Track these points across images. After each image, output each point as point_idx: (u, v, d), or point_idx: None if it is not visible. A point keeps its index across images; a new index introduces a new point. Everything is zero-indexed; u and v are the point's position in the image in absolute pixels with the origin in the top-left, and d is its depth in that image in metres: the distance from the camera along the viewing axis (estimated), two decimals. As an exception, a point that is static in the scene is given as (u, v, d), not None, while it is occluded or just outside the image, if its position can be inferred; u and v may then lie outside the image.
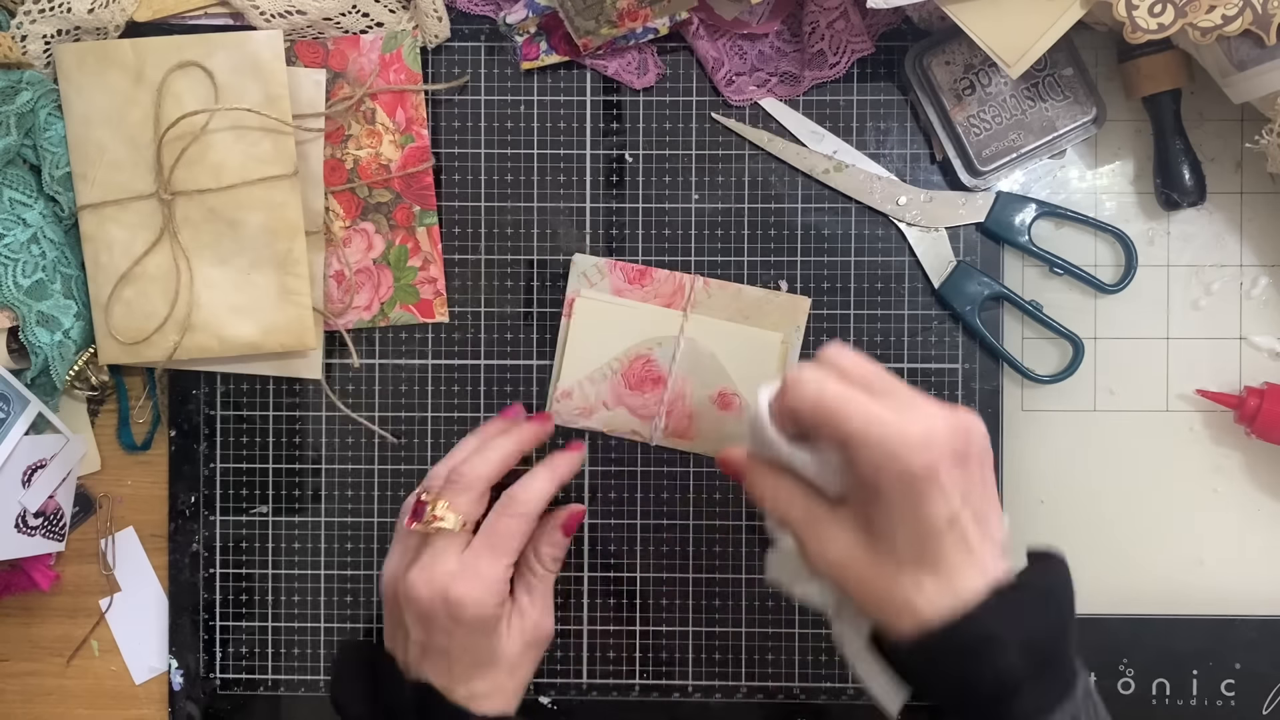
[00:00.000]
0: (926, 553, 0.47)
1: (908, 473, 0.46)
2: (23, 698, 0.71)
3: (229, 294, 0.66)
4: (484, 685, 0.59)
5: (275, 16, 0.66)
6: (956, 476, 0.47)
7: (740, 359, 0.67)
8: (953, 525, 0.47)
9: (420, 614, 0.58)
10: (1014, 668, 0.46)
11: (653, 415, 0.68)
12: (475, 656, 0.59)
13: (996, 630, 0.46)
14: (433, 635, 0.58)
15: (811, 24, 0.66)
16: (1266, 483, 0.69)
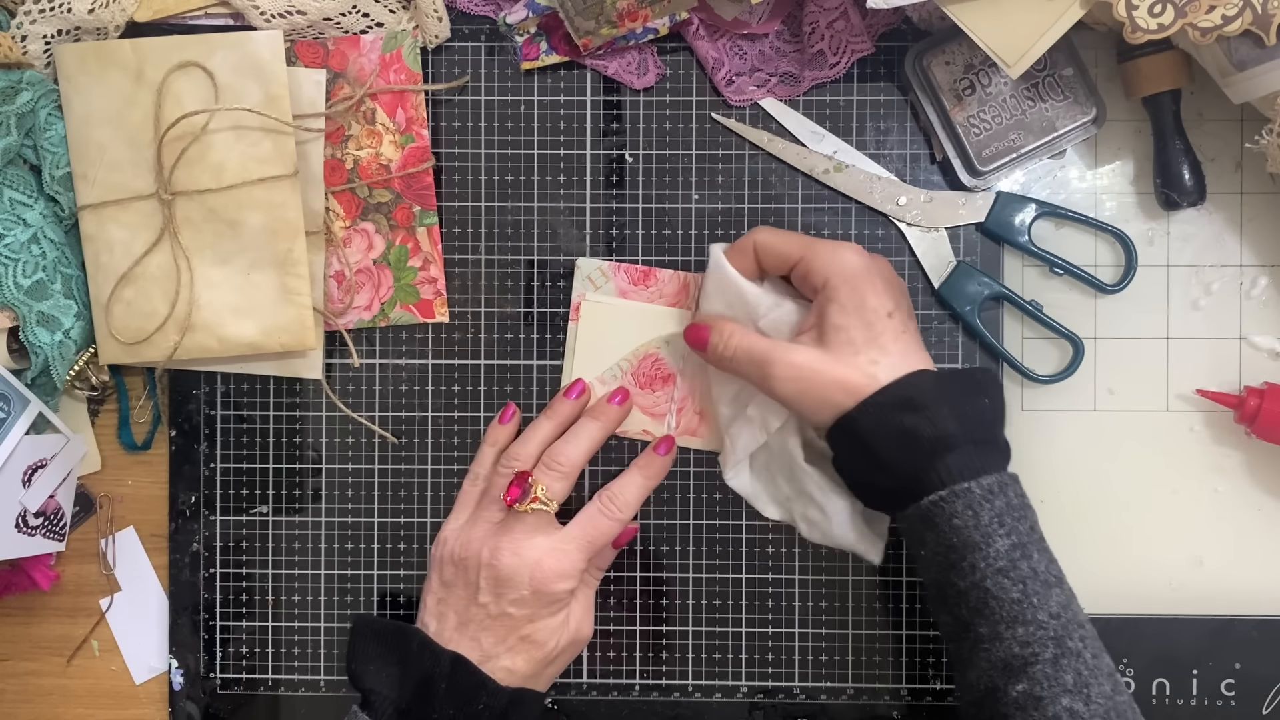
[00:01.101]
0: (875, 336, 0.58)
1: (852, 272, 0.59)
2: (23, 698, 0.71)
3: (229, 294, 0.66)
4: (524, 665, 0.61)
5: (275, 16, 0.66)
6: (885, 285, 0.60)
7: None
8: (892, 316, 0.59)
9: (499, 579, 0.61)
10: (950, 427, 0.56)
11: (663, 414, 0.68)
12: (533, 633, 0.61)
13: (933, 394, 0.57)
14: (503, 602, 0.60)
15: (811, 24, 0.66)
16: (1266, 483, 0.69)
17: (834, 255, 0.60)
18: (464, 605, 0.62)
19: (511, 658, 0.61)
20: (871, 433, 0.57)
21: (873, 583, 0.69)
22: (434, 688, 0.59)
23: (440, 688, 0.59)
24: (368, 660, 0.61)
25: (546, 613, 0.61)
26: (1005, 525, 0.56)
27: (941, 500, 0.56)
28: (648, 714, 0.70)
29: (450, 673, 0.59)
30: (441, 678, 0.59)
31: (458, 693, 0.59)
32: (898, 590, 0.69)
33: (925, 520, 0.57)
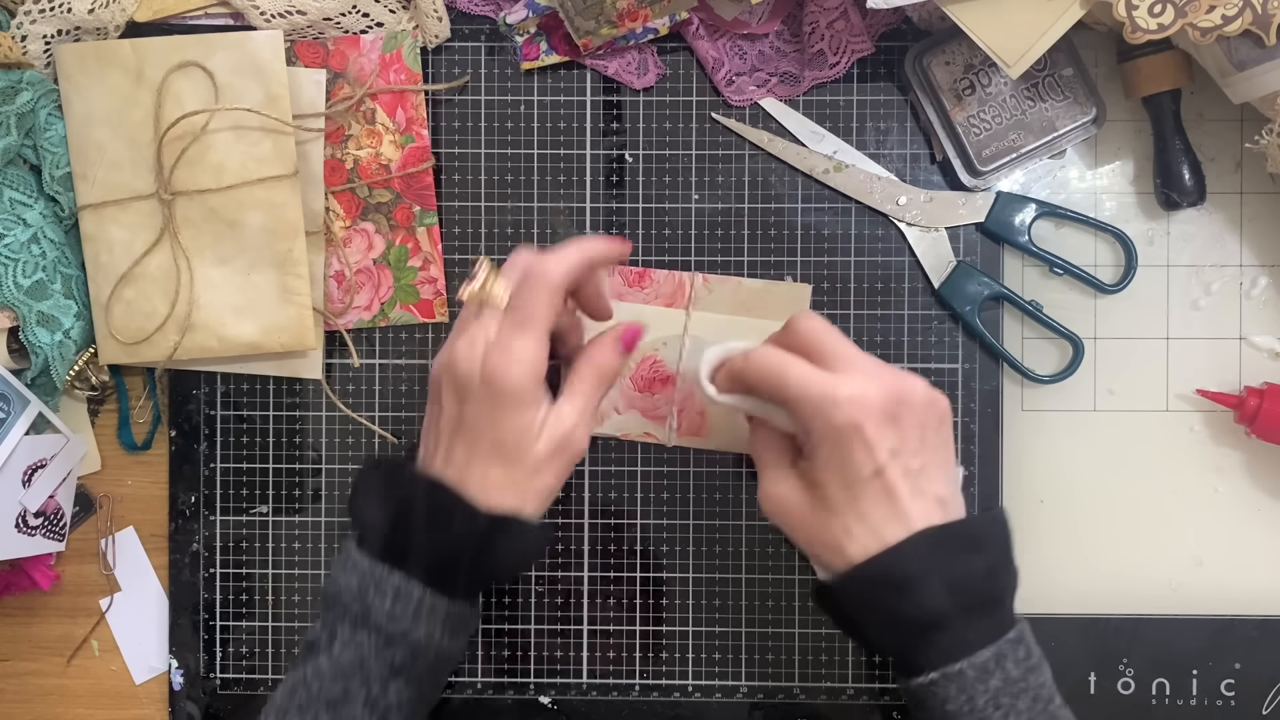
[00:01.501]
0: (853, 500, 0.53)
1: (834, 427, 0.52)
2: (23, 698, 0.71)
3: (229, 294, 0.66)
4: (499, 475, 0.56)
5: (275, 16, 0.66)
6: (886, 434, 0.52)
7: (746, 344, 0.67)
8: (878, 476, 0.52)
9: (457, 384, 0.56)
10: (938, 603, 0.51)
11: (665, 416, 0.68)
12: (498, 438, 0.56)
13: (916, 567, 0.51)
14: (465, 407, 0.56)
15: (811, 24, 0.66)
16: (1266, 483, 0.69)
17: (821, 403, 0.52)
18: (438, 421, 0.58)
19: (484, 467, 0.56)
20: (853, 610, 0.53)
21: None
22: (413, 515, 0.56)
23: (419, 513, 0.56)
24: (365, 495, 0.58)
25: (508, 412, 0.55)
26: (1002, 706, 0.52)
27: (933, 684, 0.52)
28: (648, 714, 0.70)
29: (425, 497, 0.56)
30: (418, 502, 0.56)
31: (435, 518, 0.56)
32: (898, 590, 0.69)
33: (917, 701, 0.53)
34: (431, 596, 0.56)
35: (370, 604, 0.55)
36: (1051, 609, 0.69)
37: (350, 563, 0.57)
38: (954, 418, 0.68)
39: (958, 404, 0.68)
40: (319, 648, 0.57)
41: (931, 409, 0.54)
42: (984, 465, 0.68)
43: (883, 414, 0.52)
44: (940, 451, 0.54)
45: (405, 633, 0.55)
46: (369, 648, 0.56)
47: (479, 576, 0.57)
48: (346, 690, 0.56)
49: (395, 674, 0.56)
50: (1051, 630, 0.68)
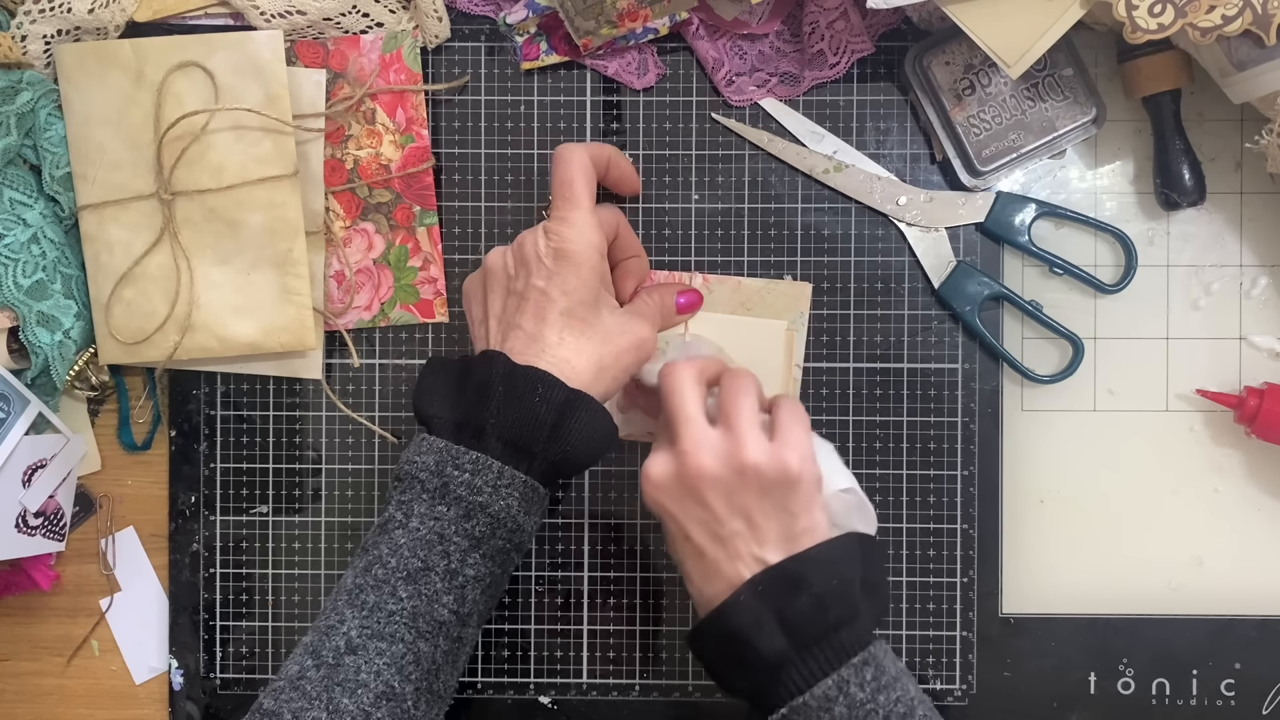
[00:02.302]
0: (680, 561, 0.58)
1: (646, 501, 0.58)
2: (23, 698, 0.71)
3: (229, 294, 0.66)
4: (574, 340, 0.59)
5: (275, 16, 0.66)
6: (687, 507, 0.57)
7: (746, 349, 0.67)
8: (685, 540, 0.57)
9: (523, 255, 0.59)
10: (776, 644, 0.54)
11: None
12: (569, 305, 0.59)
13: (745, 618, 0.54)
14: (533, 277, 0.59)
15: (811, 24, 0.66)
16: (1266, 483, 0.69)
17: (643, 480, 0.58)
18: (503, 299, 0.60)
19: (558, 333, 0.58)
20: (707, 662, 0.57)
21: (873, 583, 0.69)
22: (490, 392, 0.57)
23: (498, 390, 0.57)
24: (431, 392, 0.60)
25: (578, 279, 0.59)
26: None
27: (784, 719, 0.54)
28: (648, 714, 0.70)
29: (507, 375, 0.58)
30: (499, 380, 0.57)
31: (515, 393, 0.57)
32: (896, 591, 0.69)
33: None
34: (509, 470, 0.57)
35: (449, 477, 0.56)
36: (1051, 609, 0.69)
37: (425, 444, 0.58)
38: (957, 437, 0.68)
39: (958, 404, 0.68)
40: (394, 524, 0.57)
41: (748, 478, 0.56)
42: (984, 465, 0.68)
43: (680, 491, 0.57)
44: (766, 517, 0.56)
45: (485, 504, 0.56)
46: (448, 519, 0.56)
47: (553, 454, 0.58)
48: (426, 562, 0.56)
49: (475, 546, 0.57)
50: (1051, 630, 0.68)
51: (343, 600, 0.56)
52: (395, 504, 0.58)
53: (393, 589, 0.56)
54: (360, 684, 0.54)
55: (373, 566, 0.56)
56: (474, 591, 0.57)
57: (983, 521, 0.69)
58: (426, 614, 0.56)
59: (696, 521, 0.56)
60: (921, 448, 0.69)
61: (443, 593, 0.56)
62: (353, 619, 0.55)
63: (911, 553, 0.69)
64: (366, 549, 0.58)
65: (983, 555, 0.69)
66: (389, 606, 0.55)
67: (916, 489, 0.69)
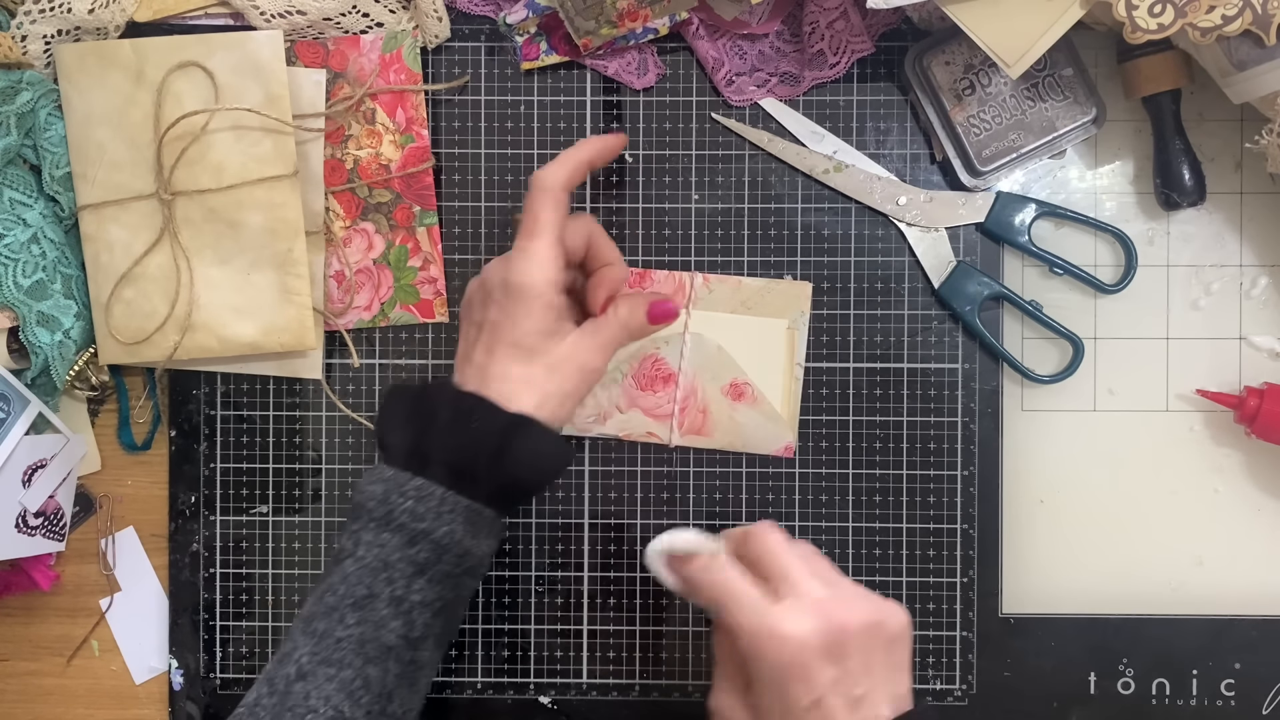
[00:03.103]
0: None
1: (771, 665, 0.52)
2: (23, 698, 0.71)
3: (229, 294, 0.66)
4: (518, 371, 0.59)
5: (275, 16, 0.66)
6: (825, 669, 0.52)
7: (747, 348, 0.68)
8: (817, 707, 0.52)
9: (485, 285, 0.60)
10: None
11: (667, 415, 0.68)
12: (516, 337, 0.59)
13: None
14: (487, 312, 0.60)
15: (811, 24, 0.66)
16: (1266, 483, 0.69)
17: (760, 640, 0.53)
18: (466, 331, 0.61)
19: (503, 364, 0.59)
20: None
21: (870, 585, 0.69)
22: (435, 420, 0.58)
23: (441, 418, 0.58)
24: (389, 418, 0.60)
25: (525, 310, 0.59)
26: None
27: None
28: (648, 714, 0.70)
29: (450, 405, 0.59)
30: (443, 407, 0.58)
31: (456, 421, 0.58)
32: (897, 591, 0.69)
33: None
34: (453, 496, 0.57)
35: (394, 505, 0.57)
36: (1051, 609, 0.69)
37: (375, 473, 0.59)
38: (957, 437, 0.68)
39: (958, 404, 0.68)
40: (345, 553, 0.58)
41: (877, 635, 0.54)
42: (984, 465, 0.68)
43: (822, 650, 0.53)
44: (887, 673, 0.54)
45: (428, 531, 0.57)
46: (392, 546, 0.57)
47: (500, 478, 0.58)
48: (371, 589, 0.57)
49: (419, 572, 0.57)
50: (1051, 630, 0.68)
51: (297, 629, 0.58)
52: (347, 534, 0.59)
53: (340, 616, 0.57)
54: (310, 709, 0.55)
55: (324, 595, 0.58)
56: (423, 615, 0.58)
57: (983, 521, 0.69)
58: (374, 639, 0.57)
59: (831, 684, 0.53)
60: (921, 448, 0.69)
61: (389, 618, 0.57)
62: (304, 646, 0.57)
63: (911, 553, 0.69)
64: (322, 577, 0.59)
65: (983, 555, 0.69)
66: (337, 633, 0.56)
67: (916, 489, 0.69)
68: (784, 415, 0.68)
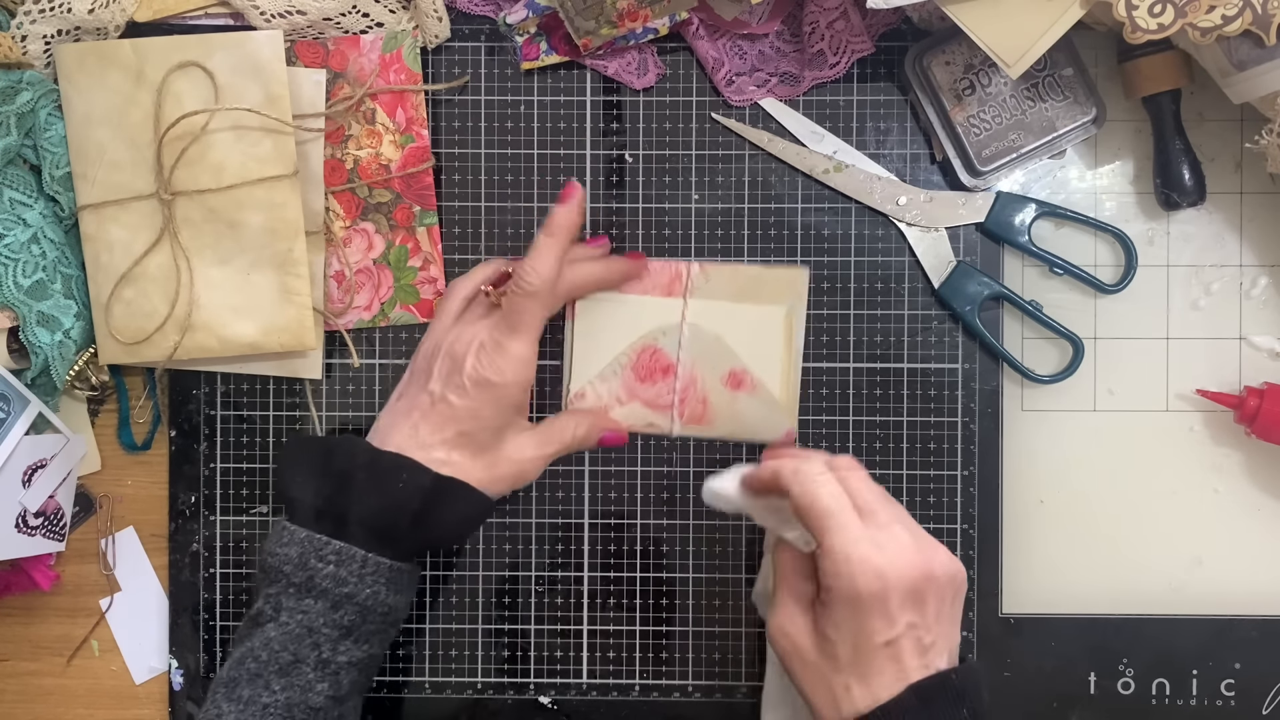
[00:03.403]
0: (860, 663, 0.53)
1: (858, 595, 0.52)
2: (23, 698, 0.71)
3: (229, 294, 0.66)
4: (461, 459, 0.60)
5: (275, 16, 0.66)
6: (906, 609, 0.52)
7: (745, 336, 0.68)
8: (889, 646, 0.52)
9: (453, 361, 0.60)
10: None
11: (667, 406, 0.68)
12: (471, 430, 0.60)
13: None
14: (448, 390, 0.60)
15: (811, 24, 0.66)
16: (1266, 483, 0.69)
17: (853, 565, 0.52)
18: (415, 393, 0.62)
19: (447, 450, 0.60)
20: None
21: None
22: (352, 480, 0.59)
23: (359, 478, 0.58)
24: (293, 473, 0.60)
25: (490, 412, 0.60)
26: None
27: None
28: (648, 714, 0.70)
29: (369, 462, 0.59)
30: (360, 468, 0.59)
31: (377, 479, 0.58)
32: (898, 590, 0.69)
33: None
34: (374, 558, 0.58)
35: (314, 570, 0.57)
36: (1051, 609, 0.69)
37: (287, 535, 0.59)
38: (957, 437, 0.68)
39: (958, 404, 0.68)
40: (264, 618, 0.58)
41: (952, 584, 0.54)
42: (984, 465, 0.68)
43: (909, 589, 0.52)
44: (952, 625, 0.55)
45: (351, 594, 0.57)
46: (316, 611, 0.57)
47: (420, 537, 0.59)
48: (297, 655, 0.57)
49: (345, 634, 0.58)
50: (1051, 630, 0.68)
51: (220, 694, 0.58)
52: (264, 597, 0.59)
53: (266, 682, 0.57)
54: None
55: (245, 660, 0.58)
56: (349, 674, 0.58)
57: (983, 521, 0.69)
58: (301, 703, 0.57)
59: (908, 627, 0.53)
60: (921, 448, 0.69)
61: (316, 681, 0.57)
62: (230, 712, 0.57)
63: (911, 553, 0.69)
64: (240, 640, 0.59)
65: (983, 555, 0.69)
66: (263, 699, 0.57)
67: (916, 489, 0.69)
68: (783, 402, 0.68)
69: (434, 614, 0.70)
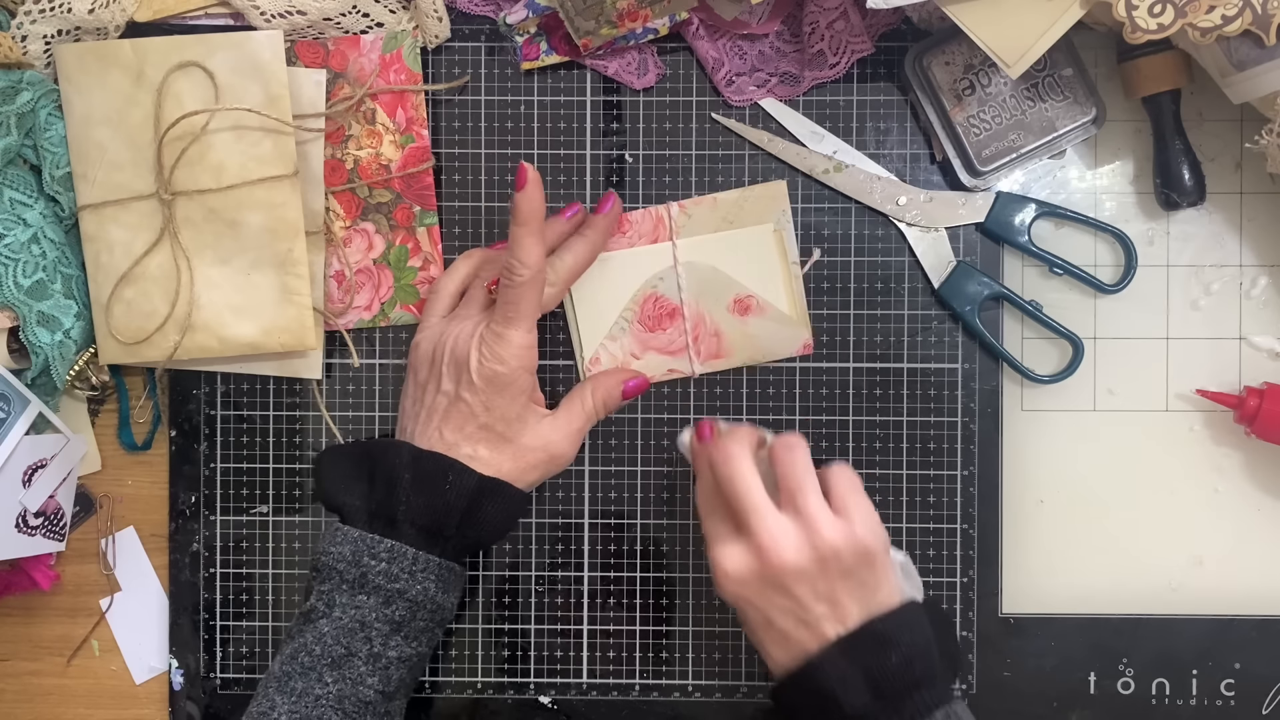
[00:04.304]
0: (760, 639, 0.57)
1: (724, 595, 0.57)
2: (23, 698, 0.71)
3: (229, 294, 0.66)
4: (485, 454, 0.62)
5: (275, 16, 0.66)
6: (770, 597, 0.56)
7: (741, 261, 0.68)
8: (769, 626, 0.57)
9: (457, 363, 0.62)
10: (861, 700, 0.54)
11: (682, 349, 0.68)
12: (488, 422, 0.62)
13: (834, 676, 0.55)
14: (460, 388, 0.61)
15: (811, 24, 0.66)
16: (1266, 483, 0.69)
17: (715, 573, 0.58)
18: (431, 398, 0.63)
19: (473, 446, 0.61)
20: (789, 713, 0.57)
21: (873, 583, 0.69)
22: (398, 480, 0.60)
23: (404, 479, 0.60)
24: (337, 480, 0.62)
25: (501, 401, 0.61)
26: None
27: None
28: (648, 714, 0.70)
29: (413, 463, 0.60)
30: (404, 468, 0.60)
31: (424, 480, 0.60)
32: (898, 590, 0.69)
33: None
34: (424, 555, 0.60)
35: (366, 567, 0.59)
36: (1051, 609, 0.69)
37: (340, 535, 0.60)
38: (957, 437, 0.68)
39: (958, 404, 0.68)
40: (317, 614, 0.60)
41: (830, 564, 0.56)
42: (984, 465, 0.68)
43: (761, 584, 0.56)
44: (842, 590, 0.56)
45: (403, 590, 0.59)
46: (369, 607, 0.59)
47: (466, 537, 0.61)
48: (349, 648, 0.59)
49: (396, 629, 0.59)
50: (1051, 630, 0.68)
51: (273, 688, 0.59)
52: (316, 594, 0.60)
53: (319, 675, 0.58)
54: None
55: (298, 654, 0.59)
56: (399, 671, 0.60)
57: (983, 521, 0.69)
58: (352, 695, 0.58)
59: (780, 610, 0.56)
60: (921, 448, 0.69)
61: (367, 675, 0.59)
62: (282, 705, 0.58)
63: (911, 553, 0.69)
64: (291, 636, 0.60)
65: (983, 555, 0.69)
66: (316, 691, 0.58)
67: (916, 489, 0.69)
68: (794, 315, 0.68)
69: (434, 614, 0.70)
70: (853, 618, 0.56)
